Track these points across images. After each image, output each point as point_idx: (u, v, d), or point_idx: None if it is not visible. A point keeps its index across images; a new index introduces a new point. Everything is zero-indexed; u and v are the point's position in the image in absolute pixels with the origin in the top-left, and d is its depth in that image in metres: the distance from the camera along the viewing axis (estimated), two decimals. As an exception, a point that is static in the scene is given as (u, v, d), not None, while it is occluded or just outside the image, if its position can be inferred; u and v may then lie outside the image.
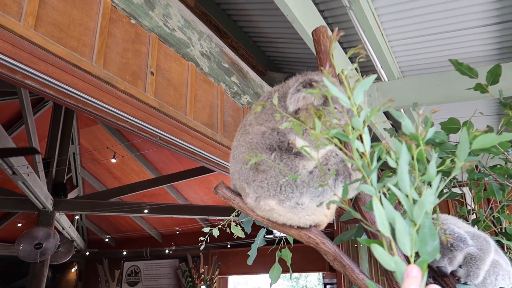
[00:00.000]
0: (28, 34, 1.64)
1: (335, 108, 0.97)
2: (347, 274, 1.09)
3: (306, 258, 7.85)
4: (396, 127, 4.14)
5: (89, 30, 1.95)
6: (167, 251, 10.12)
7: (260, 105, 1.07)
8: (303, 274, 11.69)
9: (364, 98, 0.86)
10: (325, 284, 9.33)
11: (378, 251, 0.74)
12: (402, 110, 3.84)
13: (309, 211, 1.03)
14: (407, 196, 0.77)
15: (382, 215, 0.76)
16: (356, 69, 0.98)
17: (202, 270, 9.35)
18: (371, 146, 0.89)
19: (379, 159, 0.90)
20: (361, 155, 0.84)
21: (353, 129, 0.81)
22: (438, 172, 0.82)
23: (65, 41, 1.82)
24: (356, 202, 1.11)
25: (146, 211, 7.65)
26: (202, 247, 1.63)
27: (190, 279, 9.27)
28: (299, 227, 1.06)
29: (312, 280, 12.44)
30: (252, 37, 3.80)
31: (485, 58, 3.28)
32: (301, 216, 1.03)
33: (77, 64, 1.84)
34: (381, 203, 0.78)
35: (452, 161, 0.80)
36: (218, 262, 9.39)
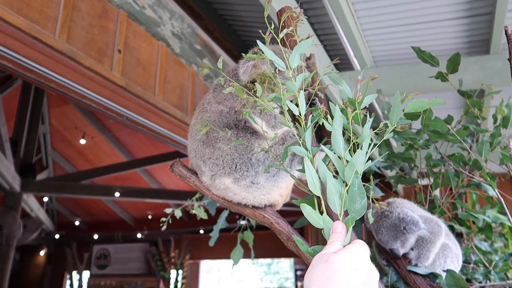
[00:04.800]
0: (-17, 2, 1.56)
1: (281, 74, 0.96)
2: (300, 255, 1.10)
3: (278, 244, 7.94)
4: (370, 111, 4.19)
5: (52, 2, 1.88)
6: (139, 235, 10.05)
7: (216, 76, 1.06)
8: (275, 260, 11.83)
9: (300, 62, 0.86)
10: (295, 270, 9.49)
11: (306, 210, 0.75)
12: (378, 101, 3.89)
13: (264, 191, 1.03)
14: (340, 158, 0.78)
15: (313, 175, 0.77)
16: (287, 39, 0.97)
17: (173, 254, 9.34)
18: (311, 111, 0.90)
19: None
20: (298, 118, 0.85)
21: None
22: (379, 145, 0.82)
23: (26, 12, 1.75)
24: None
25: (117, 194, 7.54)
26: (164, 228, 1.61)
27: (160, 263, 9.25)
28: (254, 207, 1.06)
29: (283, 267, 12.61)
30: (228, 20, 3.75)
31: (456, 51, 3.35)
32: (256, 195, 1.03)
33: (38, 37, 1.77)
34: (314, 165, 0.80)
35: (386, 125, 0.81)
36: (189, 247, 9.40)
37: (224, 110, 1.06)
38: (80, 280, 9.98)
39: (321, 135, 1.65)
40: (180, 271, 9.18)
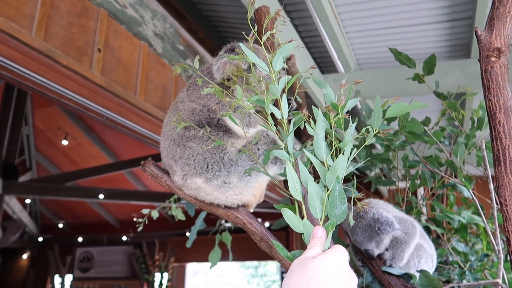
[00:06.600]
0: (-45, -3, 1.52)
1: (258, 73, 0.95)
2: (273, 255, 1.09)
3: (264, 246, 7.89)
4: (353, 112, 4.22)
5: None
6: (124, 238, 9.93)
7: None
8: (262, 262, 11.82)
9: (281, 63, 0.85)
10: (282, 273, 9.48)
11: (287, 214, 0.74)
12: (358, 103, 3.91)
13: (236, 191, 1.02)
14: (322, 163, 0.78)
15: (294, 179, 0.76)
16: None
17: (157, 256, 9.25)
18: (292, 114, 0.90)
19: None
20: (280, 121, 0.84)
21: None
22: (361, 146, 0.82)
23: (1, 9, 1.71)
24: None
25: (102, 196, 7.45)
26: (140, 229, 1.59)
27: (144, 266, 9.15)
28: (226, 207, 1.05)
29: (270, 269, 12.60)
30: (213, 21, 3.73)
31: (438, 54, 3.38)
32: (228, 195, 1.02)
33: (14, 35, 1.74)
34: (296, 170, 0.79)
35: (368, 130, 0.81)
36: (174, 249, 9.31)
37: (197, 108, 1.05)
38: (62, 283, 9.82)
39: (300, 134, 1.64)
40: (165, 274, 9.10)
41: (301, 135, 1.70)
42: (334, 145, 0.80)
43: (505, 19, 0.88)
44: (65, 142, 8.03)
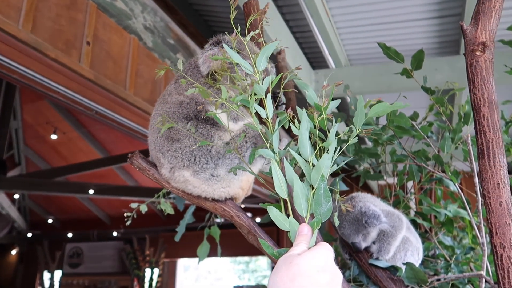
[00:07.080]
0: None
1: (242, 70, 0.95)
2: (261, 248, 1.09)
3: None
4: (339, 109, 4.24)
5: (15, -10, 1.81)
6: (115, 234, 9.88)
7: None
8: (253, 258, 11.85)
9: (267, 64, 0.85)
10: (272, 268, 9.53)
11: (273, 213, 0.75)
12: (348, 98, 3.92)
13: (224, 183, 1.02)
14: (307, 161, 0.78)
15: (279, 178, 0.77)
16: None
17: (148, 252, 9.23)
18: (277, 114, 0.90)
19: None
20: (265, 121, 0.84)
21: (255, 94, 0.81)
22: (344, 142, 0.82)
23: (-13, 0, 1.69)
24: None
25: (91, 191, 7.40)
26: (129, 222, 1.58)
27: (134, 261, 9.12)
28: (214, 200, 1.05)
29: (261, 265, 12.65)
30: (203, 15, 3.72)
31: (428, 51, 3.41)
32: (215, 188, 1.02)
33: (0, 26, 1.71)
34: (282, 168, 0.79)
35: (351, 129, 0.81)
36: (165, 245, 9.30)
37: (185, 101, 1.04)
38: (51, 279, 9.75)
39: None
40: (156, 270, 9.08)
41: (290, 130, 1.71)
42: (318, 145, 0.81)
43: (490, 14, 0.89)
44: (54, 137, 7.95)
